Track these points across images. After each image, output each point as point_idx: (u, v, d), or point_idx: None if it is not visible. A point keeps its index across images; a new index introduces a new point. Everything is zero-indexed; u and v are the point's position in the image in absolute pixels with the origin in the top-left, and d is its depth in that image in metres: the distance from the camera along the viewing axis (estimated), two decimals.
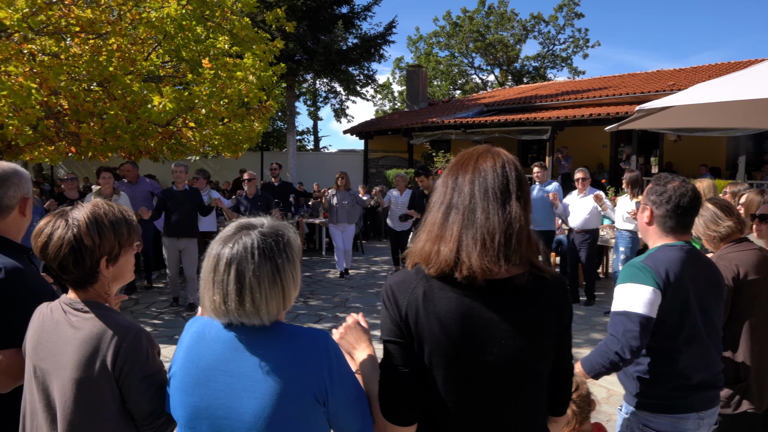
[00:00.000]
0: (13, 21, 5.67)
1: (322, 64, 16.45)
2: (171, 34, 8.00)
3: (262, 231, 1.32)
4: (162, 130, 7.62)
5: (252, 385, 1.27)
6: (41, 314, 1.58)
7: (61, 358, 1.47)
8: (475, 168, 1.36)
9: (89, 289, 1.55)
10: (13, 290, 1.71)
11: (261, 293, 1.27)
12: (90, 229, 1.49)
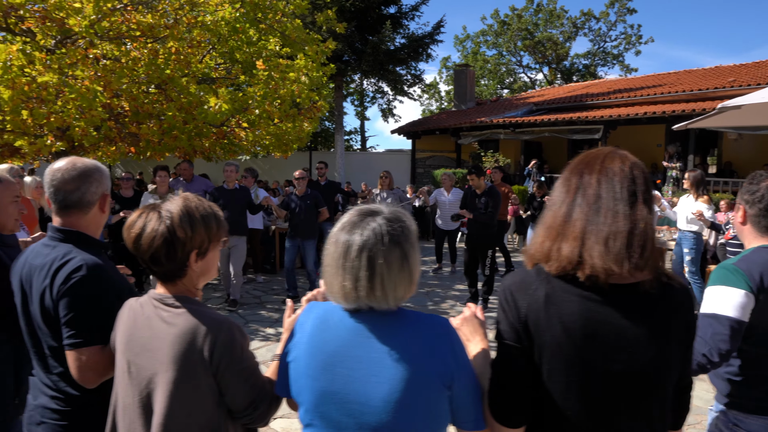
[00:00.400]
0: (81, 27, 5.93)
1: (370, 64, 16.54)
2: (225, 37, 8.21)
3: (387, 217, 1.34)
4: (216, 130, 7.82)
5: (380, 370, 1.29)
6: (131, 310, 1.60)
7: (156, 353, 1.48)
8: (601, 168, 1.33)
9: (178, 283, 1.56)
10: (96, 286, 1.74)
11: (391, 278, 1.29)
12: (183, 221, 1.50)
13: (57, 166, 1.85)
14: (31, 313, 1.83)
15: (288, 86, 7.37)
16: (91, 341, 1.70)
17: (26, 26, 7.13)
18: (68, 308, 1.70)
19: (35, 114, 5.92)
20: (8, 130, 6.41)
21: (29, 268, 1.84)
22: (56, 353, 1.79)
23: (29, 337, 1.87)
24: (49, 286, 1.74)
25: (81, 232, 1.87)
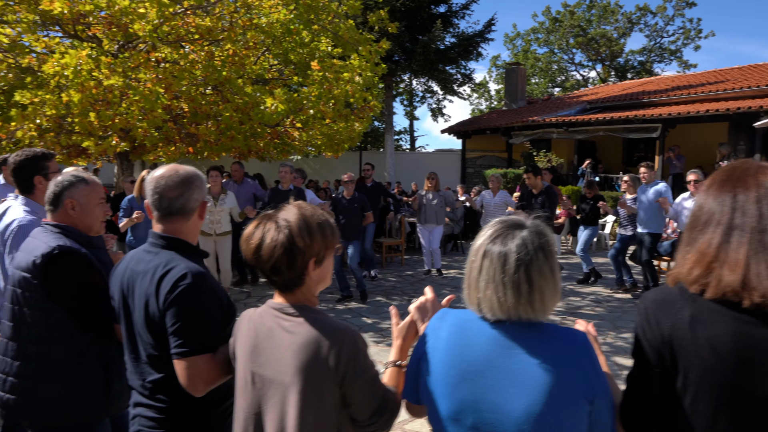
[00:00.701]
0: (145, 32, 6.13)
1: (420, 63, 16.49)
2: (279, 39, 8.33)
3: (535, 230, 1.35)
4: (271, 130, 7.95)
5: (522, 381, 1.28)
6: (251, 321, 1.60)
7: (279, 364, 1.48)
8: (758, 185, 1.26)
9: (296, 292, 1.56)
10: (201, 295, 1.73)
11: (548, 290, 1.31)
12: (301, 230, 1.51)
13: (160, 173, 1.86)
14: (133, 319, 1.84)
15: (342, 86, 7.41)
16: (199, 350, 1.69)
17: (92, 33, 7.43)
18: (175, 317, 1.70)
19: (102, 116, 6.14)
20: (76, 131, 6.68)
21: (131, 274, 1.85)
22: (154, 361, 1.79)
23: (128, 343, 1.88)
24: (155, 294, 1.73)
25: (182, 239, 1.88)
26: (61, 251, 2.10)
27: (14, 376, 2.13)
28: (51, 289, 2.09)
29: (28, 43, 7.28)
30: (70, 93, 6.10)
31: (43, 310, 2.11)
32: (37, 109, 6.62)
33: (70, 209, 2.24)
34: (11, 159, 2.84)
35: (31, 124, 6.72)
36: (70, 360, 2.12)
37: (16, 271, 2.17)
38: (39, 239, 2.19)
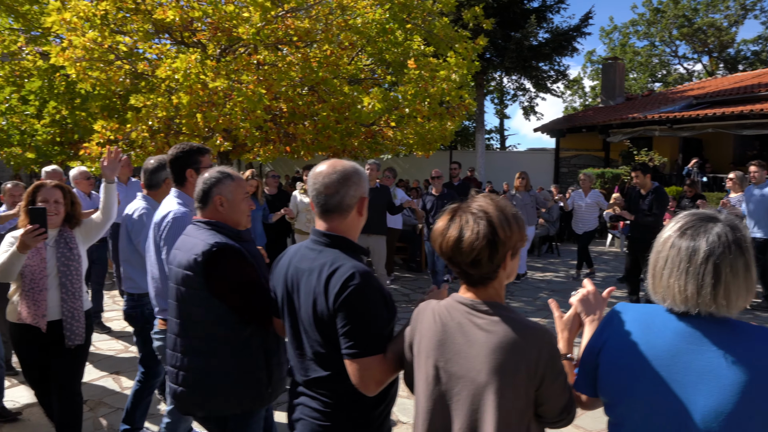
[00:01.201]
0: (249, 35, 6.36)
1: (512, 60, 16.10)
2: (373, 39, 8.39)
3: (729, 224, 1.32)
4: (365, 129, 8.01)
5: (711, 378, 1.26)
6: (435, 314, 1.56)
7: (472, 361, 1.44)
8: None
9: (489, 287, 1.51)
10: (370, 294, 1.71)
11: (736, 287, 1.28)
12: (501, 221, 1.46)
13: (319, 170, 1.87)
14: (299, 316, 1.85)
15: (438, 84, 7.34)
16: (371, 351, 1.68)
17: (197, 39, 7.81)
18: (346, 319, 1.68)
19: (207, 116, 6.43)
20: (183, 132, 7.03)
21: (295, 271, 1.86)
22: (321, 358, 1.79)
23: (293, 339, 1.90)
24: (323, 293, 1.72)
25: (345, 237, 1.86)
26: (219, 248, 2.14)
27: (185, 370, 2.21)
28: (213, 286, 2.14)
29: (143, 51, 7.77)
30: (180, 95, 6.43)
31: (207, 307, 2.16)
32: (149, 111, 7.05)
33: (219, 205, 2.27)
34: (170, 151, 2.96)
35: (143, 125, 7.16)
36: (234, 352, 2.18)
37: (178, 269, 2.22)
38: (196, 237, 2.23)
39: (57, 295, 3.15)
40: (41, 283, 3.10)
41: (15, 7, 10.65)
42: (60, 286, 3.17)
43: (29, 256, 3.05)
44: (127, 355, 5.59)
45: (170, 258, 2.35)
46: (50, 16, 7.08)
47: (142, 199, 3.55)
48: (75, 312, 3.19)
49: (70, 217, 3.31)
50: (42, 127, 11.13)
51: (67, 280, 3.18)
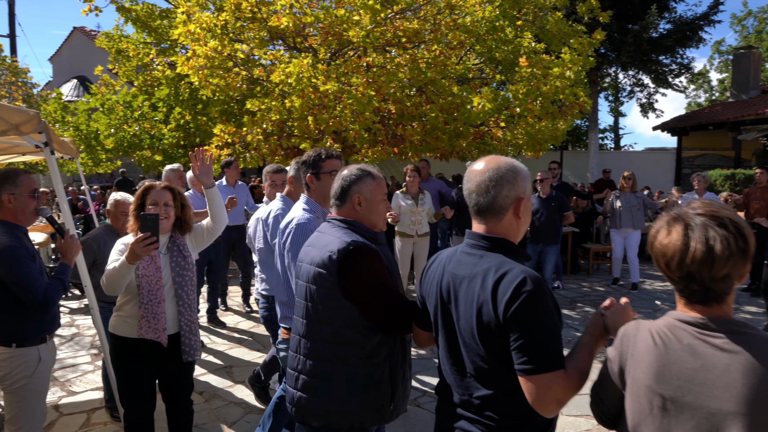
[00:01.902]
0: (359, 38, 6.43)
1: (630, 55, 15.15)
2: (482, 37, 8.20)
3: None
4: (474, 130, 7.85)
5: None
6: (654, 336, 1.37)
7: (712, 389, 1.24)
8: None
9: (723, 303, 1.34)
10: (545, 303, 1.54)
11: None
12: (746, 228, 1.31)
13: (474, 167, 1.77)
14: (458, 328, 1.69)
15: (551, 82, 7.03)
16: (551, 366, 1.51)
17: (309, 43, 8.03)
18: (521, 329, 1.50)
19: (318, 119, 6.58)
20: (295, 134, 7.25)
21: (452, 278, 1.72)
22: (484, 375, 1.62)
23: (448, 353, 1.74)
24: (491, 301, 1.56)
25: (507, 239, 1.70)
26: (355, 247, 2.03)
27: (307, 374, 2.11)
28: (347, 286, 2.02)
29: (258, 57, 8.11)
30: (292, 99, 6.63)
31: (337, 309, 2.05)
32: (264, 115, 7.35)
33: (357, 204, 2.19)
34: (303, 157, 2.89)
35: (258, 128, 7.47)
36: (362, 361, 2.05)
37: (310, 266, 2.13)
38: (330, 234, 2.15)
39: (173, 307, 2.96)
40: (158, 294, 2.88)
41: (149, 23, 11.56)
42: (176, 298, 2.97)
43: (144, 265, 2.86)
44: (239, 349, 5.83)
45: (301, 255, 2.26)
46: (177, 29, 7.57)
47: (280, 200, 3.51)
48: (192, 325, 3.02)
49: (182, 223, 3.09)
50: (168, 132, 12.01)
51: (182, 291, 2.98)
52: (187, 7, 7.84)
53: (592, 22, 9.24)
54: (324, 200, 2.81)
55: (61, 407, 4.43)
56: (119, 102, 12.31)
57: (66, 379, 5.00)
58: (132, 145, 12.10)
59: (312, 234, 2.32)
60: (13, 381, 2.78)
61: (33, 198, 2.87)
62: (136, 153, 12.22)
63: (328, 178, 2.77)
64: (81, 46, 25.00)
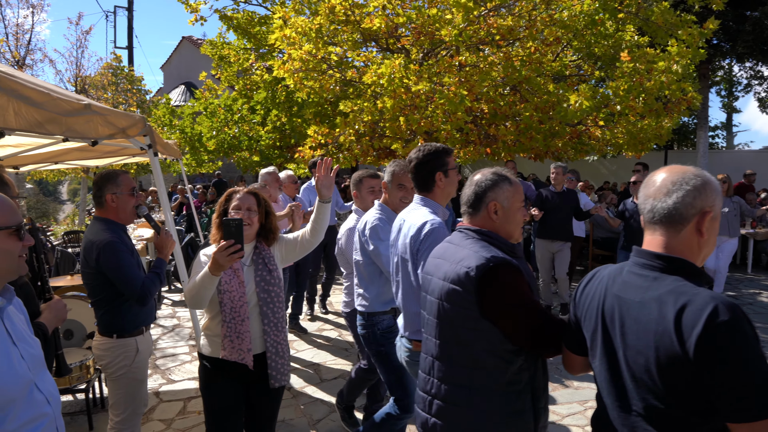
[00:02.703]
0: (451, 37, 6.37)
1: (748, 45, 13.96)
2: (580, 32, 7.86)
3: None
4: (570, 129, 7.55)
5: None
6: None
7: None
8: None
9: None
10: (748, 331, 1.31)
11: None
12: None
13: (655, 173, 1.59)
14: (623, 358, 1.49)
15: (656, 77, 6.61)
16: None
17: (401, 44, 8.05)
18: (725, 367, 1.27)
19: (410, 119, 6.57)
20: (387, 135, 7.29)
21: (616, 301, 1.53)
22: (656, 415, 1.41)
23: (611, 386, 1.55)
24: (674, 332, 1.34)
25: (686, 259, 1.47)
26: (496, 263, 1.81)
27: (442, 400, 1.93)
28: (487, 306, 1.80)
29: (351, 59, 8.25)
30: (384, 100, 6.67)
31: (476, 330, 1.83)
32: (356, 116, 7.45)
33: (493, 213, 1.97)
34: (413, 154, 2.67)
35: (351, 129, 7.59)
36: (502, 388, 1.84)
37: (442, 282, 1.93)
38: (465, 247, 1.94)
39: (258, 326, 2.66)
40: (242, 311, 2.59)
41: (248, 30, 12.11)
42: (261, 316, 2.66)
43: (226, 279, 2.59)
44: (323, 351, 5.92)
45: (429, 267, 2.07)
46: (274, 34, 7.85)
47: (378, 208, 3.28)
48: (279, 346, 2.69)
49: (266, 231, 2.78)
50: (265, 133, 12.51)
51: (268, 309, 2.67)
52: (284, 12, 8.11)
53: (704, 10, 8.60)
54: (446, 199, 2.69)
55: (161, 394, 4.70)
56: (221, 106, 12.97)
57: (166, 368, 5.31)
58: (232, 146, 12.70)
59: (441, 243, 2.14)
60: (114, 369, 2.96)
61: (132, 196, 3.03)
62: (235, 154, 12.82)
63: (454, 175, 2.66)
64: (189, 54, 26.64)
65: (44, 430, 1.52)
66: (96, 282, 2.90)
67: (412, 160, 2.66)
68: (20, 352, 1.54)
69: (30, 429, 1.47)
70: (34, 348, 1.62)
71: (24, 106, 2.10)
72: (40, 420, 1.51)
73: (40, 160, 5.05)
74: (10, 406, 1.42)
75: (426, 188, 2.66)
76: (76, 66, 14.52)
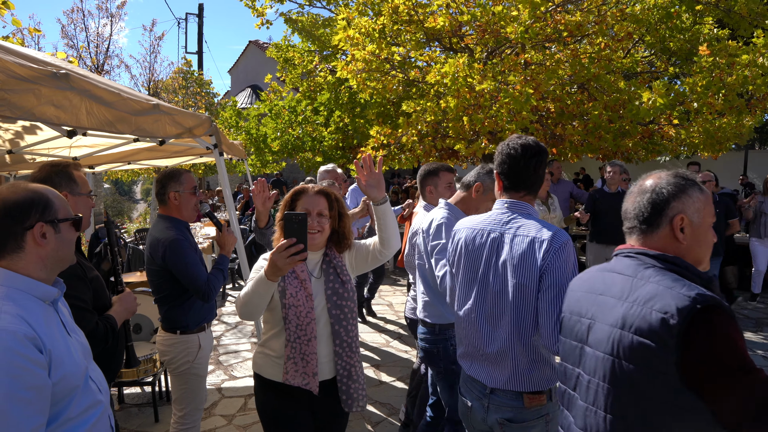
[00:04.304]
0: (517, 34, 6.20)
1: None
2: (654, 26, 7.50)
3: None
4: (642, 129, 7.21)
5: None
6: None
7: None
8: None
9: None
10: None
11: None
12: None
13: None
14: None
15: (738, 72, 6.19)
16: None
17: (465, 43, 7.92)
18: None
19: (473, 119, 6.44)
20: (450, 135, 7.18)
21: None
22: None
23: None
24: None
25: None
26: (706, 306, 1.32)
27: None
28: (692, 367, 1.31)
29: (414, 59, 8.19)
30: (448, 99, 6.57)
31: (677, 406, 1.34)
32: (419, 116, 7.38)
33: (678, 231, 1.52)
34: (513, 143, 2.19)
35: (413, 130, 7.53)
36: None
37: (621, 332, 1.44)
38: (647, 281, 1.46)
39: (328, 347, 2.29)
40: (309, 329, 2.21)
41: (313, 32, 12.28)
42: (332, 336, 2.28)
43: (292, 292, 2.22)
44: (388, 349, 5.88)
45: (580, 306, 1.66)
46: (338, 35, 7.90)
47: (444, 207, 2.99)
48: (352, 369, 2.31)
49: (339, 237, 2.39)
50: (328, 134, 12.65)
51: (341, 328, 2.28)
52: (348, 13, 8.15)
53: None
54: None
55: (223, 390, 4.79)
56: (285, 107, 13.22)
57: (228, 364, 5.41)
58: (295, 147, 12.92)
59: (591, 272, 1.73)
60: (178, 365, 3.03)
61: (194, 195, 3.10)
62: (298, 155, 13.03)
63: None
64: (255, 57, 27.34)
65: (99, 417, 1.57)
66: (161, 279, 2.96)
67: (511, 151, 2.15)
68: (75, 341, 1.59)
69: (88, 416, 1.52)
70: (82, 338, 1.68)
71: (95, 105, 2.16)
72: (96, 407, 1.56)
73: (113, 159, 5.28)
74: (74, 392, 1.47)
75: (532, 189, 2.18)
76: (149, 71, 15.19)
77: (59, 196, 1.61)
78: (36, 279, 1.51)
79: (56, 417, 1.41)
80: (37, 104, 1.80)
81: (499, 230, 2.13)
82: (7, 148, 3.77)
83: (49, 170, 2.17)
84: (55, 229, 1.55)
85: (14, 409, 1.27)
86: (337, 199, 2.39)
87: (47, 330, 1.43)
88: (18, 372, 1.29)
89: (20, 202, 1.49)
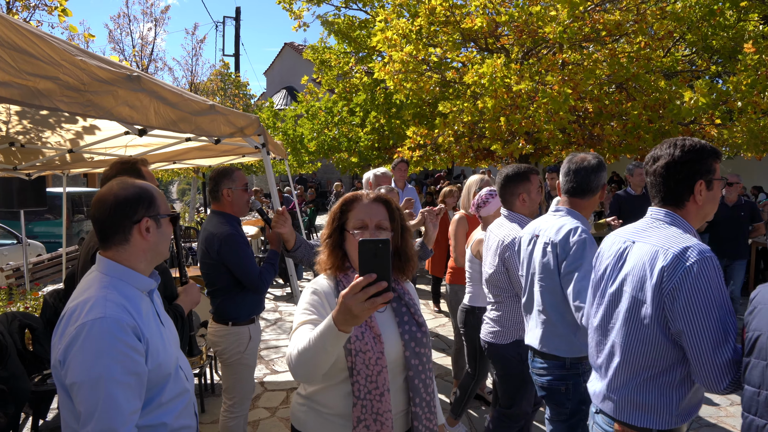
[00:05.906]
0: (555, 33, 6.20)
1: None
2: (695, 24, 7.39)
3: None
4: (683, 129, 7.11)
5: None
6: None
7: None
8: None
9: None
10: None
11: None
12: None
13: None
14: None
15: None
16: None
17: (501, 44, 7.95)
18: None
19: (510, 120, 6.47)
20: (486, 136, 7.22)
21: None
22: None
23: None
24: None
25: None
26: None
27: None
28: None
29: (451, 60, 8.24)
30: (485, 100, 6.61)
31: None
32: (455, 116, 7.44)
33: None
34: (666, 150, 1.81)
35: (450, 130, 7.59)
36: None
37: None
38: None
39: (402, 402, 1.73)
40: (380, 380, 1.63)
41: (349, 34, 12.43)
42: (408, 388, 1.73)
43: (357, 333, 1.65)
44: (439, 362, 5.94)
45: None
46: (375, 36, 8.01)
47: (567, 214, 2.48)
48: (430, 427, 1.74)
49: (403, 259, 1.79)
50: (364, 135, 12.77)
51: (419, 381, 1.72)
52: (386, 14, 8.25)
53: None
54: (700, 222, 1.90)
55: (266, 383, 4.93)
56: (321, 108, 13.40)
57: (270, 359, 5.55)
58: (331, 147, 13.09)
59: None
60: (229, 355, 3.15)
61: (245, 191, 3.21)
62: (334, 155, 13.20)
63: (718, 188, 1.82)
64: (290, 59, 27.74)
65: (186, 404, 1.65)
66: (216, 272, 3.08)
67: (660, 158, 1.78)
68: (167, 331, 1.68)
69: (178, 403, 1.60)
70: (173, 328, 1.77)
71: (162, 105, 2.29)
72: (185, 395, 1.65)
73: (163, 159, 5.47)
74: (166, 380, 1.55)
75: (676, 201, 1.79)
76: (191, 73, 15.58)
77: (160, 192, 1.70)
78: (137, 270, 1.60)
79: (149, 402, 1.50)
80: (114, 105, 1.93)
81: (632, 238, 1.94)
82: (68, 147, 3.98)
83: (120, 167, 2.31)
84: (157, 223, 1.63)
85: (118, 393, 1.36)
86: (398, 209, 1.82)
87: (145, 320, 1.52)
88: (122, 358, 1.38)
89: (130, 198, 1.58)
